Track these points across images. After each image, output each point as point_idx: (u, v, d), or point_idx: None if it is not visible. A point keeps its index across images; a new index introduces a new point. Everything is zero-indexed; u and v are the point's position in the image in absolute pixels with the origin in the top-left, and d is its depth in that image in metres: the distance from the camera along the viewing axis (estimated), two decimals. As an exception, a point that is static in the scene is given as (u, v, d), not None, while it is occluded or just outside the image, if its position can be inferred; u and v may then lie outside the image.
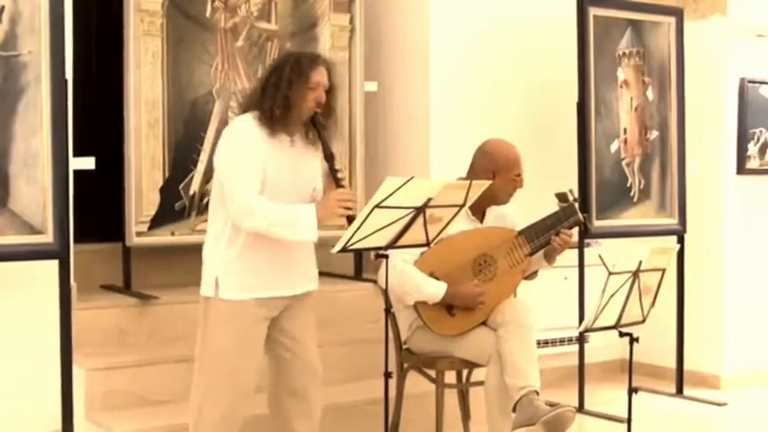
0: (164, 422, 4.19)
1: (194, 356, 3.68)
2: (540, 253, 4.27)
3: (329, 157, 3.61)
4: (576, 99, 5.49)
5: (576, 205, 4.26)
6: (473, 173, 4.33)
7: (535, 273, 4.39)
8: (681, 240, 5.75)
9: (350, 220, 3.57)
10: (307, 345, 3.77)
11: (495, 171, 4.27)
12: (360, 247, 3.82)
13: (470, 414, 4.54)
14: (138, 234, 4.94)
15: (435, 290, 4.11)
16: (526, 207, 4.43)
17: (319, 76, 3.59)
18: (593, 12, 5.51)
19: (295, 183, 3.63)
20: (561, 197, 4.27)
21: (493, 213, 4.38)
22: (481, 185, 3.92)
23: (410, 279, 4.11)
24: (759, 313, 6.14)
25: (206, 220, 3.83)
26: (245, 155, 3.53)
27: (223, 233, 3.59)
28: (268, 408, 3.81)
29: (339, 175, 3.59)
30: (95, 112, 5.40)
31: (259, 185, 3.52)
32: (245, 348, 3.61)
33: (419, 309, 4.16)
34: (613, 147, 5.64)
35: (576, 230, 4.43)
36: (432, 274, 4.14)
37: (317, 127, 3.61)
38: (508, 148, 4.35)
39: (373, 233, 3.72)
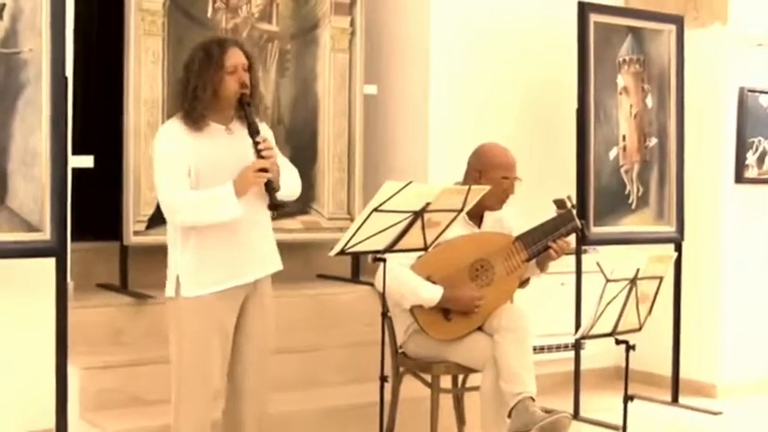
0: (157, 422, 4.17)
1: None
2: (533, 260, 4.27)
3: (252, 133, 3.57)
4: (575, 105, 5.49)
5: (574, 212, 4.25)
6: (466, 175, 4.35)
7: (527, 281, 4.38)
8: (678, 248, 5.76)
9: (267, 186, 3.54)
10: (261, 347, 3.75)
11: (480, 170, 4.27)
12: (358, 251, 3.83)
13: (465, 419, 4.54)
14: (136, 233, 4.94)
15: (432, 294, 4.11)
16: (524, 212, 4.42)
17: (234, 59, 3.58)
18: (594, 18, 5.51)
19: (241, 167, 3.57)
20: (559, 203, 4.26)
21: (491, 218, 4.38)
22: (480, 190, 3.93)
23: (407, 283, 4.10)
24: (756, 322, 6.14)
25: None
26: (165, 158, 3.55)
27: (176, 234, 3.62)
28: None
29: (259, 147, 3.55)
30: (95, 110, 5.40)
31: (184, 183, 3.52)
32: (210, 344, 3.61)
33: (415, 313, 4.16)
34: (612, 153, 5.64)
35: (573, 237, 4.43)
36: (429, 278, 4.14)
37: (243, 106, 3.60)
38: (498, 150, 4.35)
39: (371, 236, 3.73)
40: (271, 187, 3.55)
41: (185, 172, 3.53)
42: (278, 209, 3.60)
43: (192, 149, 3.54)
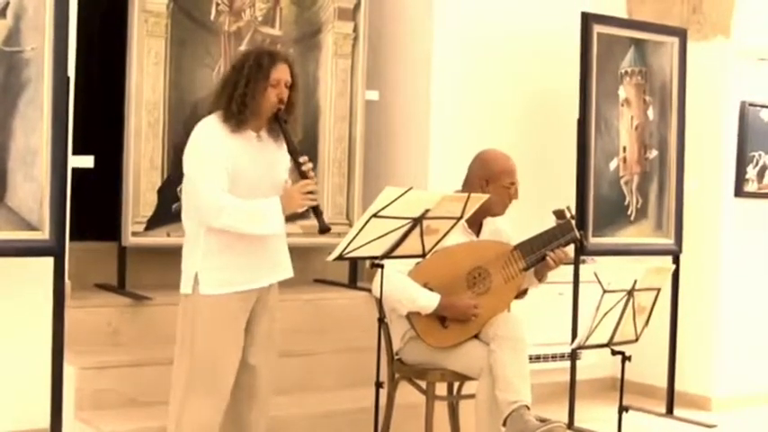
0: (152, 423, 4.17)
1: (174, 357, 3.70)
2: (531, 270, 4.27)
3: (293, 152, 3.64)
4: (576, 115, 5.50)
5: (573, 222, 4.25)
6: (468, 182, 4.34)
7: (525, 291, 4.38)
8: (676, 261, 5.76)
9: (315, 210, 3.59)
10: (268, 349, 3.79)
11: (487, 179, 4.27)
12: (356, 256, 3.83)
13: (460, 427, 4.53)
14: (134, 234, 4.94)
15: (429, 301, 4.11)
16: (523, 221, 4.43)
17: (280, 74, 3.63)
18: (597, 29, 5.52)
19: (266, 176, 3.65)
20: (558, 214, 4.26)
21: (489, 227, 4.38)
22: (479, 198, 3.93)
23: (404, 289, 4.10)
24: (752, 336, 6.13)
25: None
26: (207, 155, 3.58)
27: (198, 232, 3.63)
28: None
29: (303, 168, 3.60)
30: (96, 110, 5.39)
31: (224, 184, 3.55)
32: (226, 342, 3.64)
33: (412, 320, 4.16)
34: (612, 164, 5.64)
35: (571, 247, 4.43)
36: (426, 285, 4.13)
37: (279, 122, 3.65)
38: (502, 156, 4.36)
39: (370, 242, 3.72)
40: (319, 211, 3.59)
41: (224, 171, 3.55)
42: (328, 232, 3.60)
43: (228, 149, 3.58)
